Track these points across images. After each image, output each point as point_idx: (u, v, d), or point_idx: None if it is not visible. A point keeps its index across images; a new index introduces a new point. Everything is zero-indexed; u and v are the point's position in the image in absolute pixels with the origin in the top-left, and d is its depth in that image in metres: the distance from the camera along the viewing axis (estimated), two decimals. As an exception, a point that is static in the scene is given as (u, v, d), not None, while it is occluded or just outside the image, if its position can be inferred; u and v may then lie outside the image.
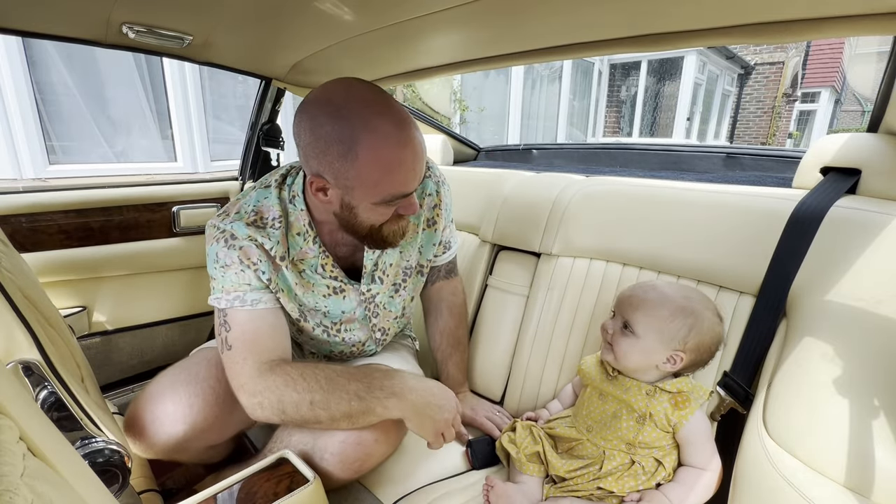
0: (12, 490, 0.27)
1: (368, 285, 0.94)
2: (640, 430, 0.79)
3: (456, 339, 1.12)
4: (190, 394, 0.84)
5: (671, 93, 8.24)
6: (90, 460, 0.54)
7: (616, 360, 0.84)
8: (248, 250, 0.80)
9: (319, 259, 0.87)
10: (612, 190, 1.09)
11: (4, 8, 0.87)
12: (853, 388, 0.62)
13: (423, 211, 0.98)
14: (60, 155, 2.79)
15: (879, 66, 8.62)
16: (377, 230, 0.81)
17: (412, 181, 0.76)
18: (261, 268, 0.81)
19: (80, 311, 1.39)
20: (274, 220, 0.82)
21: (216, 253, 0.80)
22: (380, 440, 0.84)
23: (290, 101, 3.87)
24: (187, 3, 0.86)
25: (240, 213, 0.82)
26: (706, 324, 0.80)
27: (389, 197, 0.75)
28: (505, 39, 1.01)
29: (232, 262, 0.79)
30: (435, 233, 1.01)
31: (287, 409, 0.77)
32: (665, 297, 0.82)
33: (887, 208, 0.75)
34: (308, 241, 0.85)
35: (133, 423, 0.83)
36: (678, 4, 0.74)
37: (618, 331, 0.84)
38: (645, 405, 0.80)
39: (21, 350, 0.59)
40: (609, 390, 0.85)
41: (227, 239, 0.80)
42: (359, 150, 0.70)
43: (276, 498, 0.67)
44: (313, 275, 0.88)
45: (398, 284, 1.00)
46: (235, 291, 0.80)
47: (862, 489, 0.56)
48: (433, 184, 0.99)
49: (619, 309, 0.86)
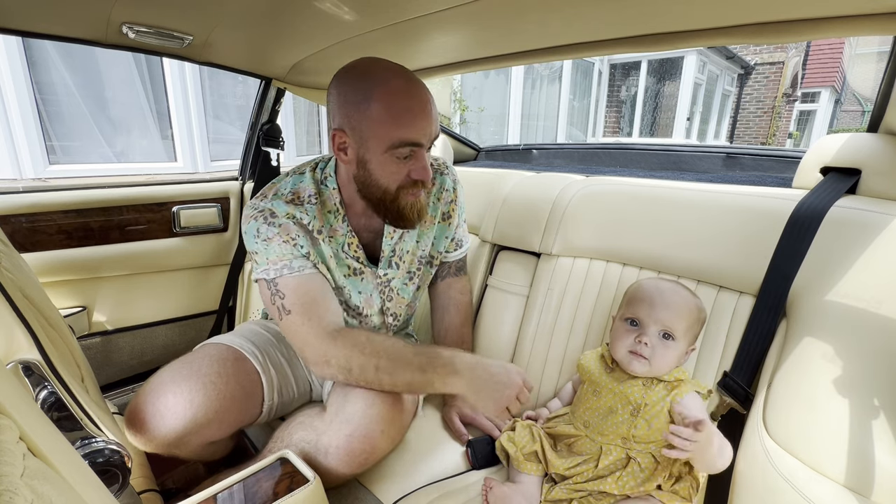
0: (12, 490, 0.27)
1: (385, 269, 0.99)
2: (633, 423, 0.79)
3: (461, 337, 1.13)
4: (191, 388, 0.85)
5: (671, 93, 8.24)
6: (90, 460, 0.54)
7: (652, 371, 0.81)
8: (286, 227, 0.86)
9: (346, 238, 0.94)
10: (612, 190, 1.09)
11: (4, 8, 0.87)
12: (853, 388, 0.62)
13: (440, 204, 1.05)
14: (60, 155, 2.79)
15: (879, 66, 8.63)
16: (393, 198, 0.86)
17: (418, 131, 0.81)
18: (299, 242, 0.87)
19: (80, 311, 1.39)
20: (310, 196, 0.90)
21: (256, 229, 0.86)
22: (386, 432, 0.85)
23: (290, 101, 3.87)
24: (187, 3, 0.86)
25: (277, 193, 0.89)
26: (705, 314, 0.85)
27: (397, 142, 0.80)
28: (505, 39, 1.01)
29: (273, 235, 0.85)
30: (449, 227, 1.07)
31: (354, 368, 0.83)
32: (682, 295, 0.84)
33: (887, 208, 0.75)
34: (338, 219, 0.93)
35: (134, 416, 0.83)
36: (678, 4, 0.74)
37: (658, 341, 0.81)
38: (641, 396, 0.80)
39: (21, 350, 0.59)
40: (605, 383, 0.85)
41: (266, 217, 0.86)
42: (371, 101, 0.79)
43: (276, 498, 0.67)
44: (340, 252, 0.94)
45: (412, 272, 1.05)
46: (282, 261, 0.86)
47: (862, 489, 0.56)
48: (451, 181, 1.06)
49: (649, 316, 0.82)
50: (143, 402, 0.84)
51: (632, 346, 0.82)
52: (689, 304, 0.84)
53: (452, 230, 1.08)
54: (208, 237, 1.60)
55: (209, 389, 0.86)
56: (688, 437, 0.68)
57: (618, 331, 0.86)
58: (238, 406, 0.89)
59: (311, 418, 0.90)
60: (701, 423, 0.68)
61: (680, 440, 0.68)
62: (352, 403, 0.86)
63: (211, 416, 0.85)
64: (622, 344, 0.83)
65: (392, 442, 0.89)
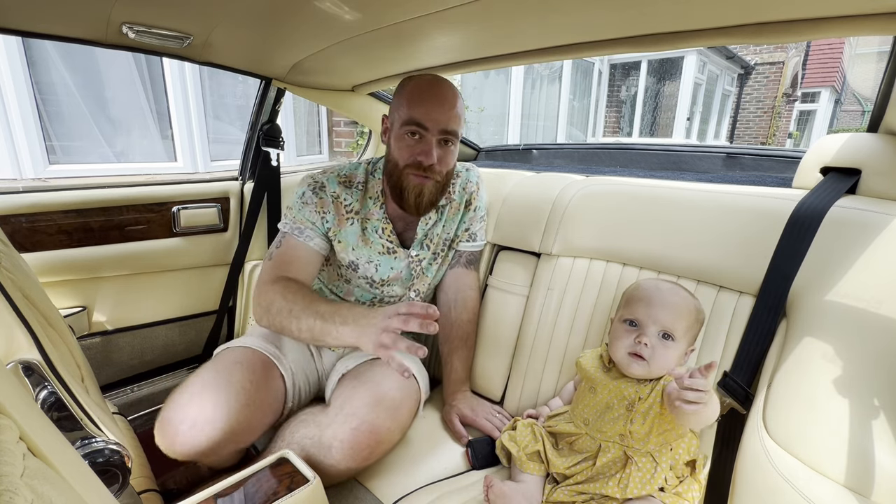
0: (12, 490, 0.27)
1: (417, 251, 1.12)
2: (629, 418, 0.79)
3: (466, 333, 1.15)
4: (227, 399, 0.85)
5: (671, 93, 8.24)
6: (90, 460, 0.54)
7: (651, 372, 0.80)
8: (325, 202, 1.04)
9: (381, 223, 1.08)
10: (612, 190, 1.09)
11: (4, 8, 0.87)
12: (853, 388, 0.62)
13: (464, 194, 1.18)
14: (60, 155, 2.78)
15: (879, 66, 8.64)
16: (399, 175, 0.99)
17: (424, 115, 0.95)
18: (327, 217, 1.04)
19: (80, 311, 1.39)
20: (358, 183, 1.08)
21: (303, 192, 1.04)
22: (391, 428, 0.87)
23: (290, 101, 3.86)
24: (187, 3, 0.86)
25: (336, 172, 1.08)
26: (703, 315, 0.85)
27: (407, 118, 0.96)
28: (505, 39, 1.01)
29: (311, 202, 1.03)
30: (469, 211, 1.19)
31: (272, 309, 0.93)
32: (681, 295, 0.84)
33: (887, 208, 0.75)
34: (377, 205, 1.08)
35: (167, 425, 0.83)
36: (678, 4, 0.74)
37: (658, 341, 0.80)
38: (634, 391, 0.81)
39: (21, 350, 0.59)
40: (602, 380, 0.85)
41: (315, 188, 1.04)
42: (403, 90, 1.00)
43: (276, 498, 0.67)
44: (373, 234, 1.08)
45: (437, 253, 1.17)
46: (301, 224, 1.03)
47: (862, 489, 0.56)
48: (475, 176, 1.21)
49: (648, 316, 0.82)
50: (176, 411, 0.84)
51: (631, 346, 0.81)
52: (689, 303, 0.84)
53: (470, 214, 1.18)
54: (208, 237, 1.60)
55: (241, 398, 0.87)
56: (701, 387, 0.67)
57: (616, 332, 0.85)
58: (266, 411, 0.93)
59: (313, 415, 0.91)
60: (710, 366, 0.67)
61: (695, 393, 0.67)
62: (358, 398, 0.88)
63: (244, 424, 0.87)
64: (621, 344, 0.83)
65: (395, 438, 0.90)
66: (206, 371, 0.90)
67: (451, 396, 1.11)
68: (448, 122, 0.97)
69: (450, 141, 1.00)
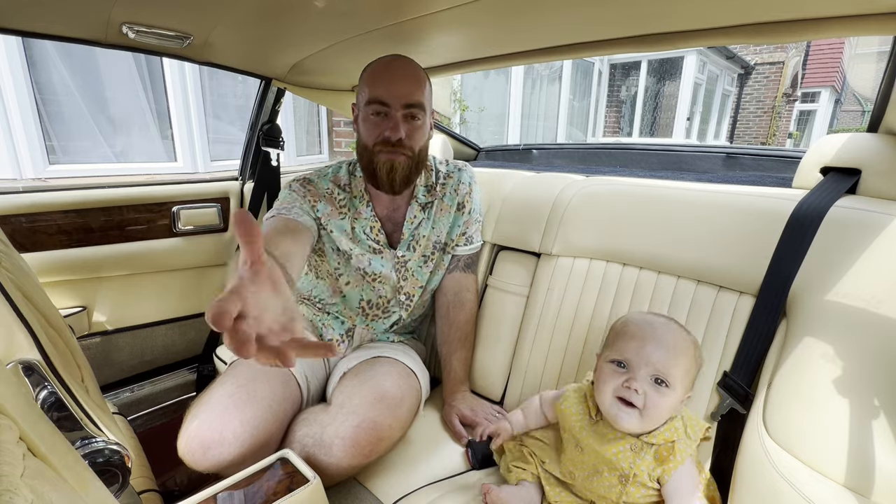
0: (12, 490, 0.27)
1: (403, 251, 1.11)
2: (623, 490, 0.72)
3: (464, 334, 1.15)
4: (252, 415, 0.84)
5: (671, 93, 8.24)
6: (90, 460, 0.54)
7: (643, 424, 0.71)
8: (316, 194, 1.04)
9: (369, 222, 1.08)
10: (612, 190, 1.09)
11: (4, 8, 0.87)
12: (853, 388, 0.61)
13: (456, 196, 1.15)
14: (60, 155, 2.78)
15: (879, 66, 8.62)
16: (370, 156, 0.98)
17: (385, 91, 0.95)
18: (318, 207, 1.04)
19: (80, 311, 1.39)
20: (345, 185, 1.09)
21: (290, 185, 1.05)
22: (393, 426, 0.87)
23: (290, 101, 3.86)
24: (187, 3, 0.86)
25: (324, 173, 1.09)
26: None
27: (370, 98, 0.96)
28: (505, 39, 1.01)
29: (298, 191, 1.03)
30: (462, 215, 1.16)
31: None
32: (676, 332, 0.75)
33: (887, 208, 0.75)
34: (363, 204, 1.08)
35: (194, 440, 0.82)
36: (678, 4, 0.74)
37: (650, 388, 0.70)
38: (629, 464, 0.71)
39: (21, 350, 0.59)
40: (588, 443, 0.76)
41: (303, 183, 1.05)
42: (365, 73, 0.99)
43: (276, 498, 0.67)
44: (361, 233, 1.08)
45: (427, 256, 1.15)
46: (288, 205, 1.00)
47: (862, 489, 0.56)
48: (468, 177, 1.18)
49: (639, 357, 0.72)
50: (202, 429, 0.82)
51: (619, 390, 0.72)
52: (685, 341, 0.75)
53: (464, 217, 1.16)
54: (208, 237, 1.60)
55: (267, 413, 0.87)
56: None
57: (603, 372, 0.75)
58: (286, 421, 0.93)
59: (314, 414, 0.91)
60: None
61: None
62: (359, 396, 0.89)
63: (269, 437, 0.87)
64: (608, 388, 0.73)
65: (397, 435, 0.90)
66: (229, 385, 0.88)
67: (451, 396, 1.11)
68: (410, 94, 0.95)
69: (416, 116, 0.97)
